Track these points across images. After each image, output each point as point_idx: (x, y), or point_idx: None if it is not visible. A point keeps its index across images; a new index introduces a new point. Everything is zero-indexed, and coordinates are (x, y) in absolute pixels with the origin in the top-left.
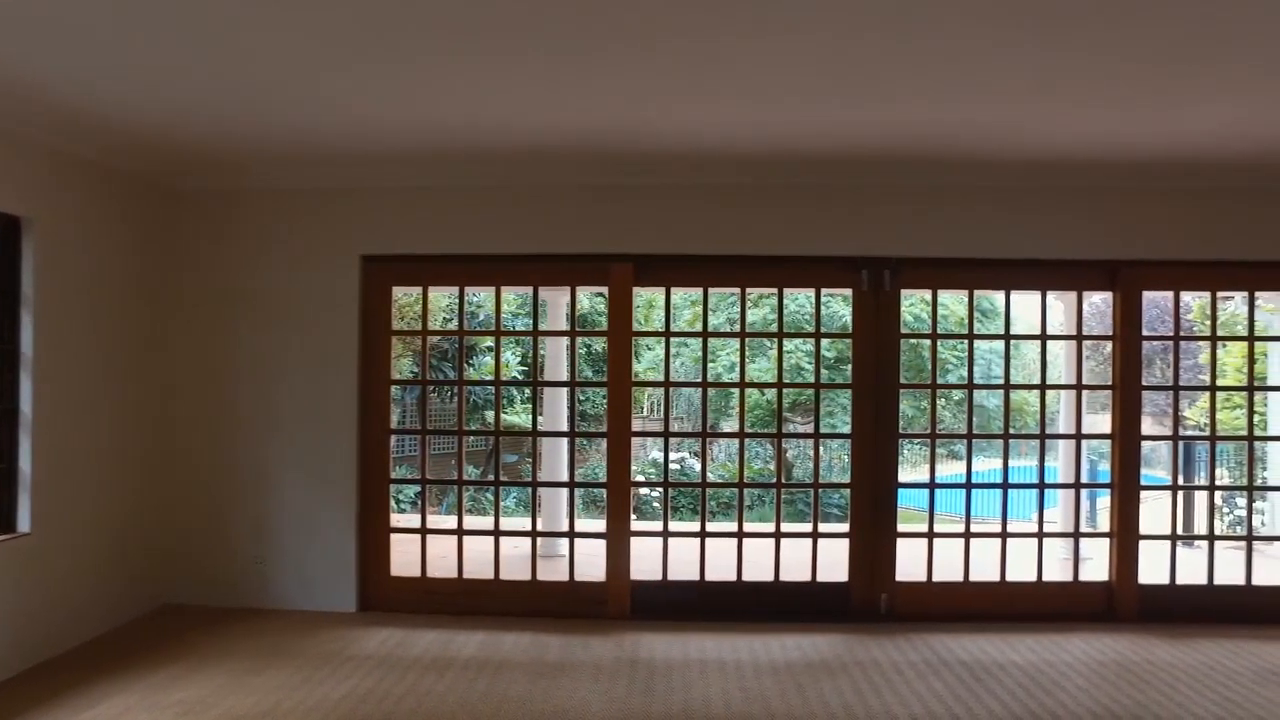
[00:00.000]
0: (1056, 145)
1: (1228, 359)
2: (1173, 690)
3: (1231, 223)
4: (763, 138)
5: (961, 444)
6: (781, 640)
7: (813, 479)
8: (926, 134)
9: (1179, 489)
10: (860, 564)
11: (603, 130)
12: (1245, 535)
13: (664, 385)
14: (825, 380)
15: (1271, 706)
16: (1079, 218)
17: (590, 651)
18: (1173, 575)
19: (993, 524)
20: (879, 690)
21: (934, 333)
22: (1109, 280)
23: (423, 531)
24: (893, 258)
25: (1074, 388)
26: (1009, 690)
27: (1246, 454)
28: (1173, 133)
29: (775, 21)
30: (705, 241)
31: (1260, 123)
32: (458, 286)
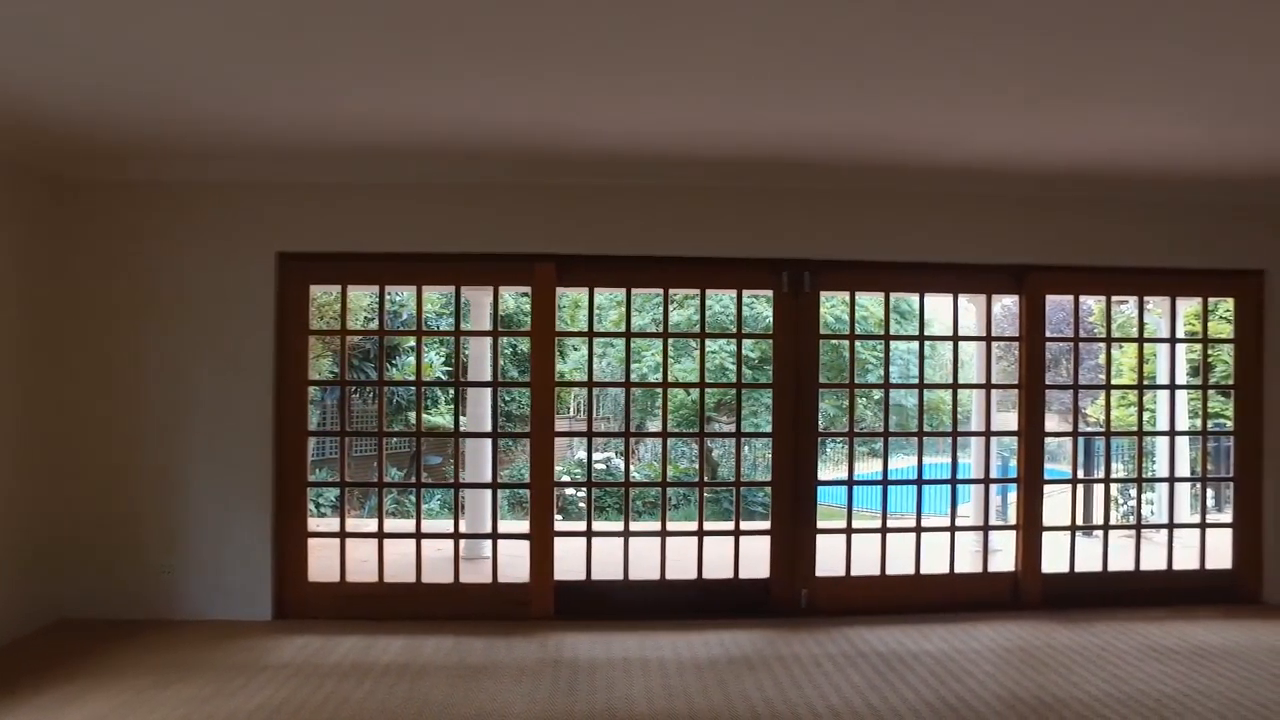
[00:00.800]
0: (969, 155)
1: (1124, 359)
2: (1069, 671)
3: (1124, 232)
4: (685, 140)
5: (878, 441)
6: (704, 637)
7: (739, 478)
8: (845, 140)
9: (1079, 483)
10: (781, 560)
11: (524, 130)
12: (1135, 524)
13: (588, 385)
14: (750, 380)
15: (1151, 680)
16: (989, 224)
17: (513, 653)
18: (1072, 564)
19: (909, 519)
20: (798, 684)
21: (852, 334)
22: (1016, 284)
23: (342, 535)
24: (812, 260)
25: (983, 387)
26: (921, 679)
27: (1137, 449)
28: (1074, 147)
29: (697, 26)
30: (628, 242)
31: (1147, 140)
32: (378, 286)
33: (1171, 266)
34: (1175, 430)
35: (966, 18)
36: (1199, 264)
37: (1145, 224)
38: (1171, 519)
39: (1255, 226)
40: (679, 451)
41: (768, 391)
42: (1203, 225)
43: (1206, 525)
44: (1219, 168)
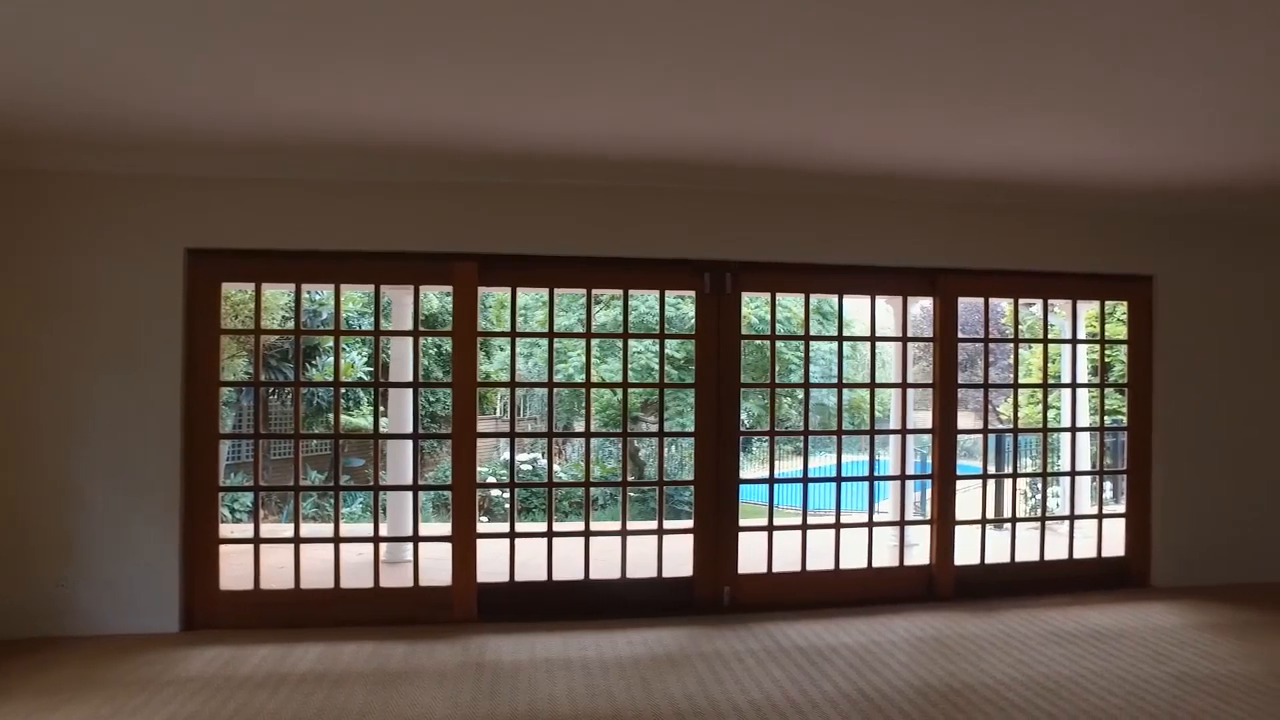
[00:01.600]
0: (886, 161)
1: (1033, 359)
2: (979, 658)
3: (1030, 237)
4: (608, 141)
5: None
6: (628, 636)
7: (662, 477)
8: (765, 144)
9: (988, 478)
10: (704, 558)
11: (446, 128)
12: (1040, 516)
13: (510, 385)
14: (676, 380)
15: (1052, 663)
16: (905, 228)
17: (435, 657)
18: (982, 556)
19: (830, 516)
20: (721, 680)
21: (773, 334)
22: (930, 286)
23: (256, 541)
24: (734, 261)
25: (899, 386)
26: (840, 671)
27: (1042, 445)
28: (983, 155)
29: (615, 29)
30: (551, 242)
31: (1050, 150)
32: (294, 284)
33: (1073, 271)
34: (1076, 427)
35: (879, 29)
36: (1097, 269)
37: (1050, 230)
38: (1072, 511)
39: (1147, 234)
40: (606, 451)
41: (692, 391)
42: (1101, 232)
43: (1103, 516)
44: (1115, 177)
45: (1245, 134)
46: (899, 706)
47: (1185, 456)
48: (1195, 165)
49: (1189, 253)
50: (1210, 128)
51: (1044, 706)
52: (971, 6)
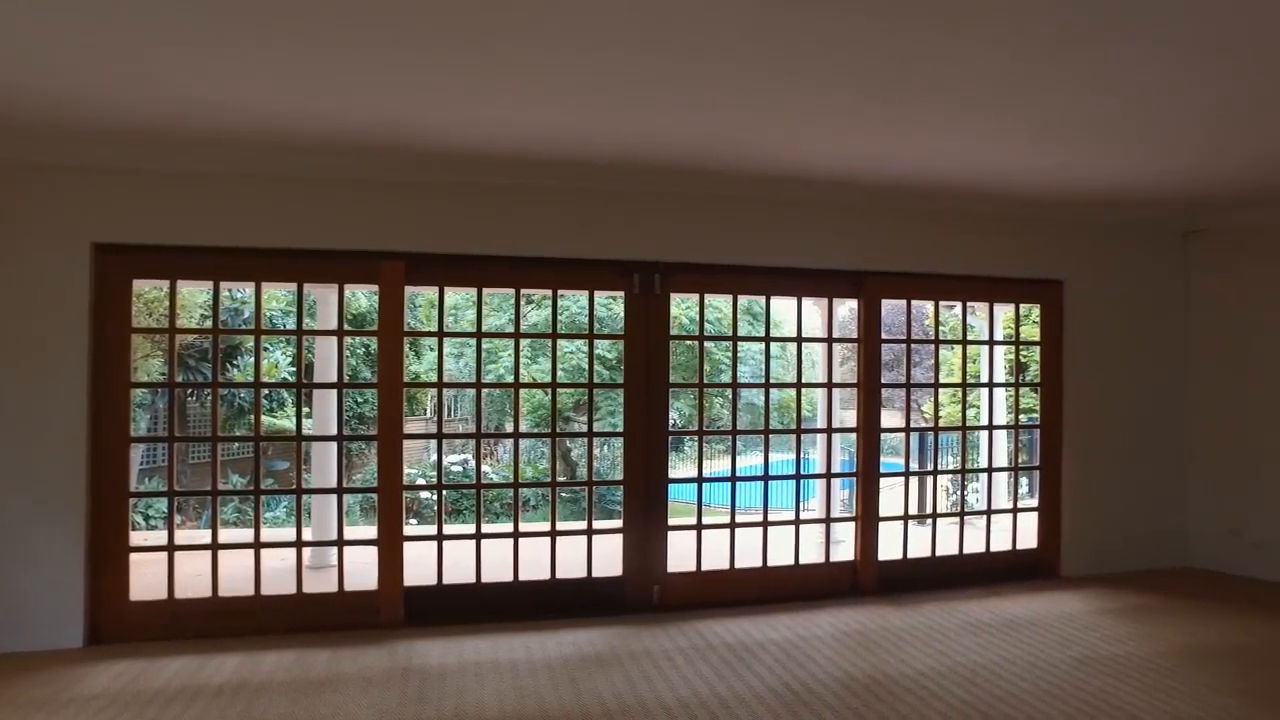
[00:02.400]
0: (811, 165)
1: (955, 359)
2: (900, 650)
3: (950, 241)
4: (537, 141)
5: (740, 439)
6: (558, 637)
7: (591, 478)
8: (694, 146)
9: (910, 475)
10: (633, 558)
11: (370, 125)
12: (959, 511)
13: (438, 386)
14: (609, 380)
15: (969, 652)
16: (830, 231)
17: (360, 663)
18: (905, 550)
19: (758, 514)
20: (649, 678)
21: (701, 334)
22: (855, 288)
23: (170, 549)
24: (663, 262)
25: (825, 386)
26: (767, 666)
27: (961, 442)
28: (903, 162)
29: (549, 30)
30: (480, 241)
31: (966, 158)
32: (211, 281)
33: (991, 275)
34: (993, 425)
35: (802, 37)
36: (1013, 273)
37: (969, 235)
38: (989, 505)
39: (1057, 240)
40: (539, 452)
41: (623, 391)
42: (1017, 238)
43: (1018, 510)
44: (1029, 186)
45: (1151, 148)
46: (823, 699)
47: (1092, 452)
48: (1103, 175)
49: (1096, 258)
50: (1117, 143)
51: (959, 694)
52: (892, 17)
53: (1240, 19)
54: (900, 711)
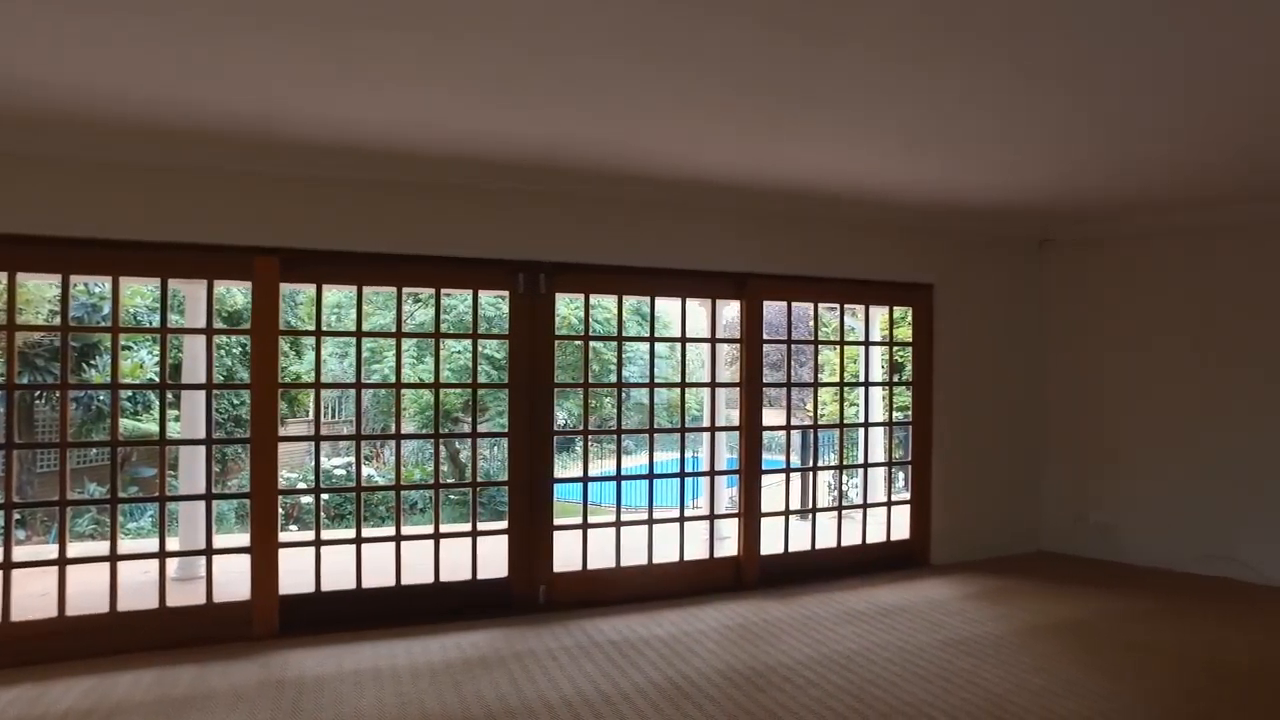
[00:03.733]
0: (694, 168)
1: (837, 359)
2: (780, 640)
3: (828, 245)
4: (419, 136)
5: (630, 439)
6: (441, 641)
7: (475, 479)
8: (579, 146)
9: (790, 471)
10: (519, 559)
11: (240, 113)
12: (837, 506)
13: (315, 387)
14: (497, 380)
15: (845, 640)
16: (713, 233)
17: (230, 678)
18: (786, 545)
19: (644, 513)
20: (534, 678)
21: (586, 334)
22: (738, 290)
23: (6, 566)
24: (548, 262)
25: (709, 385)
26: (651, 662)
27: (839, 439)
28: (781, 167)
29: (426, 21)
30: (360, 238)
31: (840, 165)
32: (60, 274)
33: (867, 278)
34: (869, 422)
35: (677, 44)
36: (887, 277)
37: (846, 239)
38: (865, 499)
39: (927, 245)
40: (427, 454)
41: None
42: (890, 243)
43: (891, 504)
44: (900, 194)
45: (1010, 163)
46: (705, 691)
47: (958, 446)
48: (968, 187)
49: (962, 264)
50: (980, 157)
51: (835, 680)
52: (773, 27)
53: (1080, 44)
54: (778, 700)
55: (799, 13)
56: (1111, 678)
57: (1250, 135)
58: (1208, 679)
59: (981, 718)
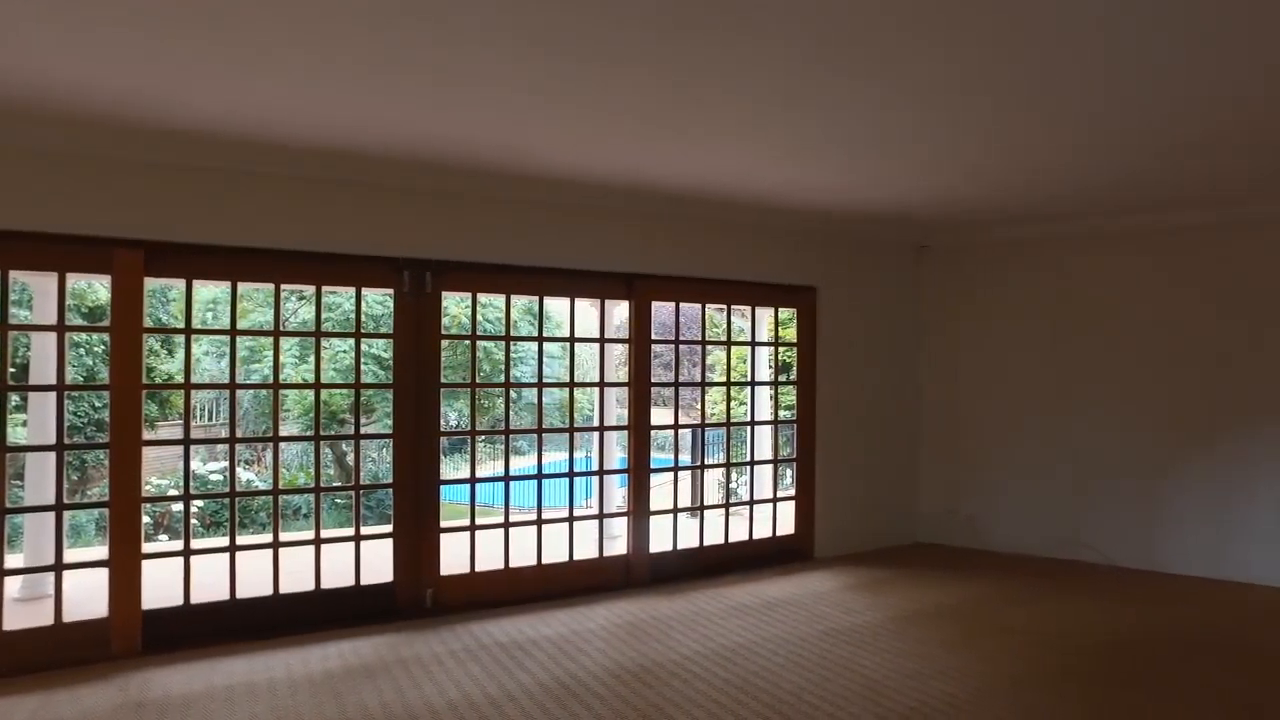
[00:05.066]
0: (581, 168)
1: (733, 359)
2: (668, 636)
3: (716, 247)
4: (302, 128)
5: (524, 439)
6: (323, 650)
7: (358, 481)
8: (463, 143)
9: (679, 470)
10: (405, 562)
11: (107, 98)
12: (725, 503)
13: (184, 388)
14: (385, 381)
15: (732, 633)
16: (602, 233)
17: (80, 704)
18: (675, 542)
19: (533, 513)
20: (419, 684)
21: (474, 334)
22: (627, 290)
23: None
24: (434, 260)
25: (598, 385)
26: (540, 663)
27: (726, 437)
28: (668, 171)
29: (307, 8)
30: (234, 231)
31: (726, 171)
32: None
33: (753, 280)
34: (755, 420)
35: (562, 43)
36: (773, 279)
37: (734, 242)
38: (752, 496)
39: (811, 249)
40: (312, 457)
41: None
42: (777, 247)
43: (777, 500)
44: (785, 199)
45: (887, 173)
46: (593, 689)
47: (839, 442)
48: (849, 194)
49: (845, 268)
50: (861, 168)
51: (720, 673)
52: (660, 27)
53: (952, 66)
54: (665, 695)
55: (683, 15)
56: (979, 658)
57: (1103, 156)
58: (1061, 653)
59: (858, 702)
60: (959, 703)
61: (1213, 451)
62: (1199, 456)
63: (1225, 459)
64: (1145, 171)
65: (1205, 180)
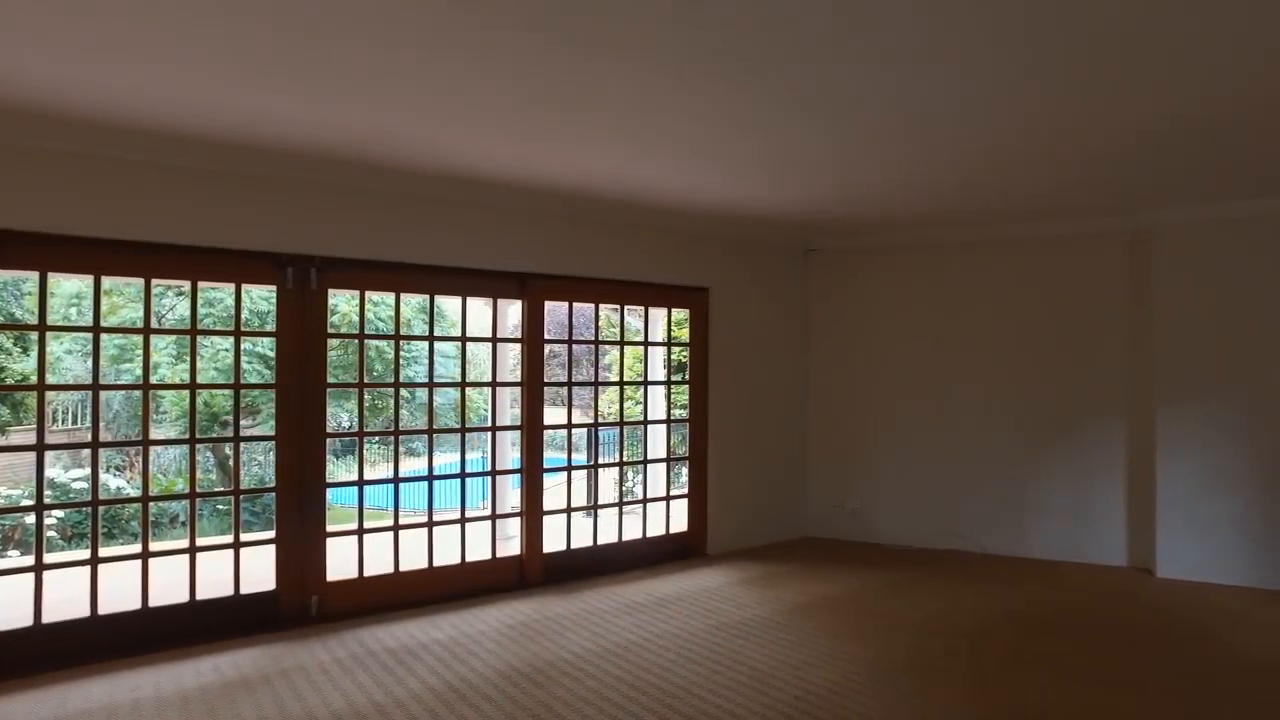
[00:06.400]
0: (473, 166)
1: (627, 358)
2: (561, 636)
3: (609, 248)
4: (172, 112)
5: (420, 440)
6: (197, 665)
7: (238, 486)
8: (353, 137)
9: (573, 469)
10: (288, 569)
11: None
12: (619, 501)
13: (38, 389)
14: (270, 381)
15: (624, 631)
16: (495, 232)
17: None
18: (569, 542)
19: (424, 515)
20: (301, 695)
21: (361, 333)
22: (519, 290)
23: None
24: (320, 256)
25: (490, 385)
26: (429, 667)
27: (619, 436)
28: (558, 170)
29: None
30: (96, 221)
31: (616, 172)
32: None
33: (646, 281)
34: (648, 419)
35: (439, 38)
36: (666, 280)
37: (627, 243)
38: (646, 495)
39: (704, 251)
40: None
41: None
42: (669, 247)
43: (670, 498)
44: (676, 201)
45: (772, 180)
46: (483, 692)
47: (732, 441)
48: (736, 198)
49: (736, 269)
50: (745, 173)
51: (612, 670)
52: (548, 32)
53: (826, 78)
54: (555, 694)
55: (565, 21)
56: (862, 646)
57: (966, 171)
58: (937, 638)
59: (745, 693)
60: (842, 689)
61: (1065, 445)
62: (1054, 449)
63: (1075, 451)
64: (1003, 186)
65: (1052, 195)
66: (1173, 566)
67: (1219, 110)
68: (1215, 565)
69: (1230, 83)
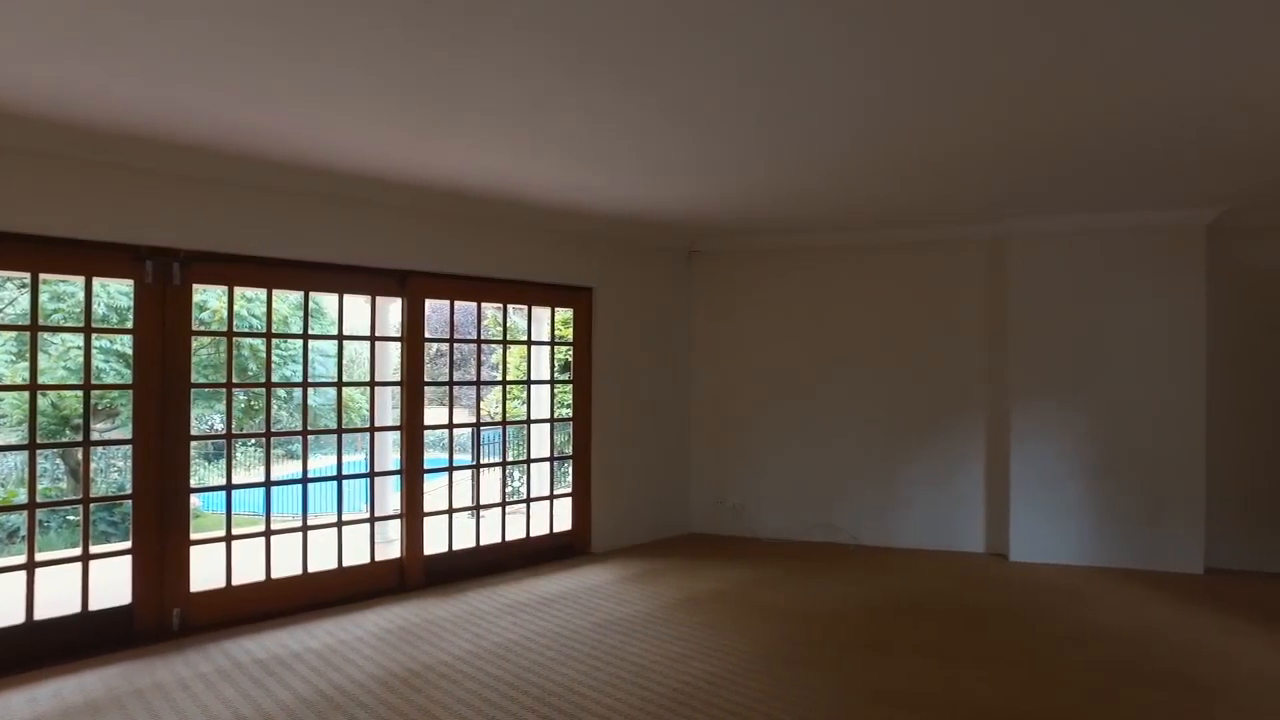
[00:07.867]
0: (350, 160)
1: (512, 357)
2: (441, 638)
3: (492, 246)
4: (15, 92)
5: (298, 442)
6: (34, 692)
7: (88, 494)
8: (219, 126)
9: (455, 470)
10: (147, 581)
11: None
12: (502, 501)
13: None
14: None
15: (506, 631)
16: (374, 228)
17: None
18: (450, 543)
19: (298, 519)
20: (158, 714)
21: (230, 330)
22: (400, 287)
23: None
24: (184, 249)
25: (368, 385)
26: (301, 677)
27: (502, 436)
28: (437, 168)
29: None
30: None
31: (496, 170)
32: None
33: (530, 280)
34: (532, 419)
35: (311, 19)
36: (549, 279)
37: (510, 241)
38: (529, 494)
39: (588, 250)
40: (42, 468)
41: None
42: (553, 247)
43: (555, 496)
44: (560, 201)
45: (653, 183)
46: (358, 699)
47: (614, 439)
48: (619, 200)
49: (619, 269)
50: (625, 175)
51: (492, 671)
52: (425, 28)
53: (713, 84)
54: (434, 698)
55: (438, 19)
56: (740, 638)
57: (839, 179)
58: (811, 627)
59: (625, 688)
60: (719, 679)
61: (930, 439)
62: (920, 444)
63: (940, 445)
64: (869, 193)
65: (917, 204)
66: (1025, 550)
67: (1061, 129)
68: (1061, 547)
69: (1076, 108)
